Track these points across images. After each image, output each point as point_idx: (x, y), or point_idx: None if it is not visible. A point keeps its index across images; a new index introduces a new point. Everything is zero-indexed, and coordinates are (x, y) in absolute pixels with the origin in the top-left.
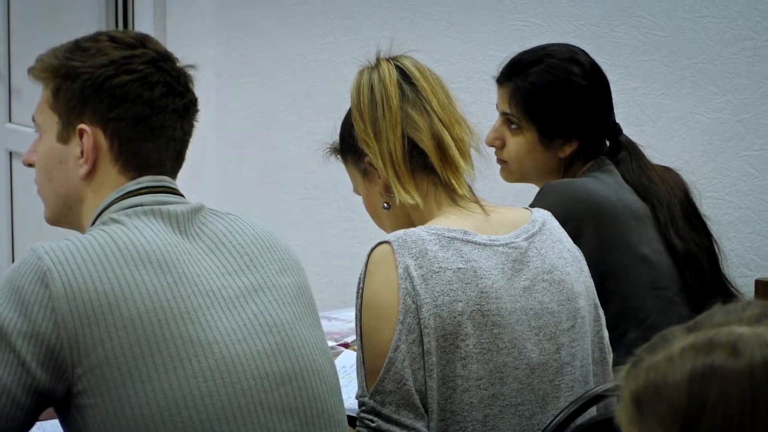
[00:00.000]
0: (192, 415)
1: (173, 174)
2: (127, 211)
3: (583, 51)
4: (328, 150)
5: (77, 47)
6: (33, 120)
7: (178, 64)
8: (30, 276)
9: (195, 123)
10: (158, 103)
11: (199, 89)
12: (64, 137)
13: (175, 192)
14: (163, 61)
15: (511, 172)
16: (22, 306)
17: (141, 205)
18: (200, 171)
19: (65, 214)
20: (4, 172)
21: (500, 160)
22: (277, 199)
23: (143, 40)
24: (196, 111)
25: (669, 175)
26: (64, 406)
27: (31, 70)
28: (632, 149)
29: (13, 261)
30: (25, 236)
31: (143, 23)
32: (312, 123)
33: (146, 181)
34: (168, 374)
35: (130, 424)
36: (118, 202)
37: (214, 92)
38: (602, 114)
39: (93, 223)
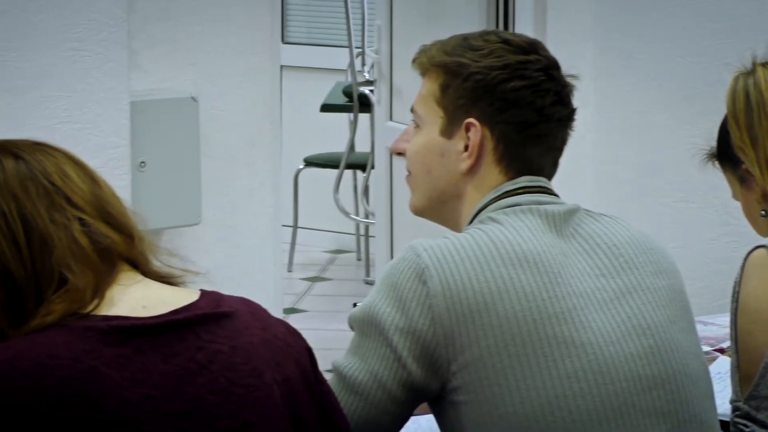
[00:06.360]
0: (564, 416)
1: (548, 180)
2: (505, 210)
3: None
4: (705, 155)
5: (467, 45)
6: (412, 110)
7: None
8: (408, 273)
9: (570, 133)
10: (547, 112)
11: (578, 92)
12: (447, 132)
13: (551, 192)
14: (554, 69)
15: None
16: (400, 302)
17: (518, 204)
18: (576, 172)
19: (437, 208)
20: (385, 168)
21: None
22: (653, 201)
23: (535, 46)
24: (574, 121)
25: None
26: (439, 402)
27: (416, 62)
28: None
29: (392, 257)
30: (404, 233)
31: (524, 26)
32: (690, 126)
33: (523, 181)
34: (542, 374)
35: (503, 422)
36: (495, 201)
37: (592, 94)
38: None
39: (471, 221)
